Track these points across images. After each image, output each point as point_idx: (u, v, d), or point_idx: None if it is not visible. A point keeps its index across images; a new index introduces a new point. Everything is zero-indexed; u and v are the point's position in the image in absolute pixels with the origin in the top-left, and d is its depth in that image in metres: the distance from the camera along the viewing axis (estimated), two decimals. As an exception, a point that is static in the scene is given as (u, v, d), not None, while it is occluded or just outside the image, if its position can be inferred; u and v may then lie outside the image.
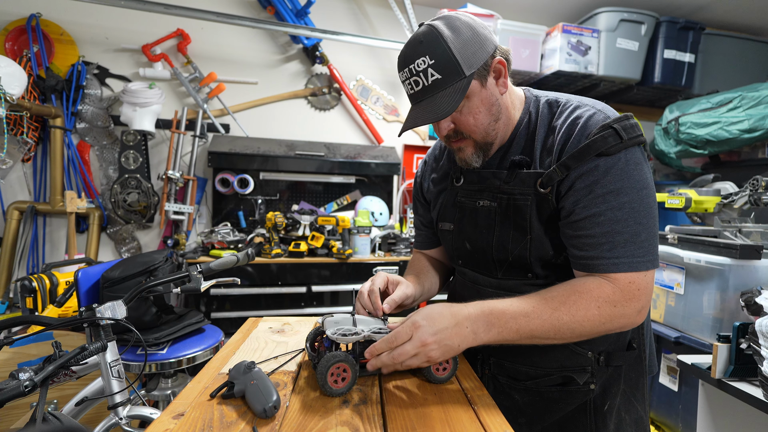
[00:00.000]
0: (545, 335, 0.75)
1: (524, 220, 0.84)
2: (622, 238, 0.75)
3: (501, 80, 0.83)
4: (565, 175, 0.78)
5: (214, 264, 1.31)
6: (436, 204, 1.04)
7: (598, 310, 0.74)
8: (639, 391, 0.93)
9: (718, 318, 1.78)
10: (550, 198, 0.81)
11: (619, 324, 0.77)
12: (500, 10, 2.96)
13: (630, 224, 0.75)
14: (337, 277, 2.52)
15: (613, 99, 3.22)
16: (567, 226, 0.80)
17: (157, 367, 1.49)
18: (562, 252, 0.84)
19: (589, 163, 0.76)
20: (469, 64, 0.77)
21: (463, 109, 0.81)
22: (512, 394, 0.92)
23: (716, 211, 2.07)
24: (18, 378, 0.82)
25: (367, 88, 3.13)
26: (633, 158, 0.76)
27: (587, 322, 0.75)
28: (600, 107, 0.81)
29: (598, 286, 0.76)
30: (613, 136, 0.75)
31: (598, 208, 0.75)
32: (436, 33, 0.77)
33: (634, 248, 0.75)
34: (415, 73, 0.79)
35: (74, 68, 2.52)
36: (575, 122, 0.79)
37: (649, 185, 0.77)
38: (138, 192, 2.59)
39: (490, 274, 0.93)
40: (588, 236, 0.77)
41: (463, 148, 0.87)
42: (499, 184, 0.87)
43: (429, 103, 0.79)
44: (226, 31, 2.83)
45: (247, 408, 0.70)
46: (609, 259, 0.75)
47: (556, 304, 0.75)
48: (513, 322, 0.74)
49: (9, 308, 2.23)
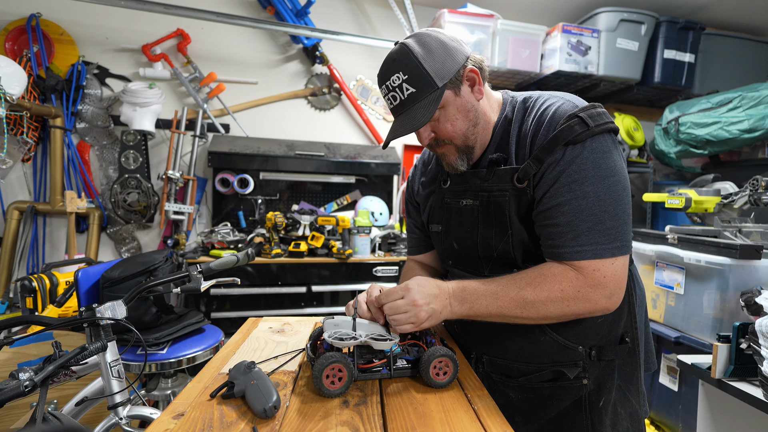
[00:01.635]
0: (512, 313, 0.80)
1: (504, 215, 0.86)
2: (585, 227, 0.77)
3: (476, 88, 0.86)
4: (538, 167, 0.81)
5: (214, 264, 1.31)
6: (425, 206, 1.07)
7: (562, 292, 0.78)
8: (633, 385, 0.94)
9: (718, 318, 1.78)
10: (528, 192, 0.83)
11: (586, 308, 0.79)
12: (500, 10, 2.96)
13: (594, 212, 0.76)
14: (337, 277, 2.52)
15: (613, 99, 3.22)
16: (537, 216, 0.83)
17: (157, 367, 1.49)
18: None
19: (557, 153, 0.78)
20: (440, 76, 0.81)
21: (441, 118, 0.86)
22: (507, 391, 0.93)
23: (716, 211, 2.07)
24: (18, 378, 0.82)
25: (367, 88, 3.13)
26: (599, 146, 0.78)
27: (551, 303, 0.78)
28: (569, 98, 0.83)
29: (563, 272, 0.79)
30: (579, 125, 0.77)
31: (563, 197, 0.78)
32: (407, 50, 0.82)
33: (597, 236, 0.77)
34: (392, 88, 0.84)
35: (74, 68, 2.52)
36: (544, 114, 0.82)
37: (617, 173, 0.78)
38: (138, 192, 2.59)
39: (478, 272, 0.95)
40: (553, 225, 0.79)
41: (446, 154, 0.91)
42: (479, 182, 0.91)
43: (407, 116, 0.84)
44: (226, 31, 2.83)
45: (247, 408, 0.70)
46: (573, 247, 0.78)
47: (523, 284, 0.80)
48: (483, 300, 0.81)
49: (9, 308, 2.23)
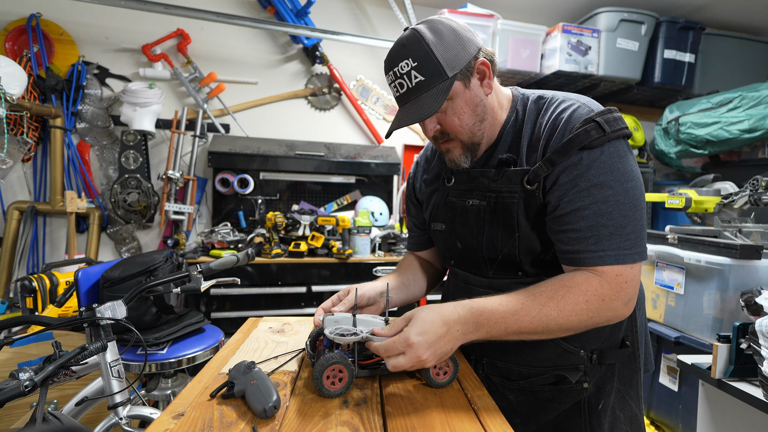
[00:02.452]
0: (533, 331, 0.75)
1: (512, 218, 0.84)
2: (608, 231, 0.75)
3: (485, 81, 0.84)
4: (550, 170, 0.78)
5: (214, 264, 1.31)
6: (428, 204, 1.05)
7: (587, 304, 0.75)
8: (633, 389, 0.93)
9: (718, 318, 1.78)
10: (537, 194, 0.81)
11: (606, 317, 0.77)
12: (500, 10, 2.96)
13: (615, 217, 0.75)
14: (337, 277, 2.52)
15: (613, 99, 3.22)
16: (553, 221, 0.80)
17: (157, 367, 1.49)
18: (550, 248, 0.84)
19: (573, 157, 0.76)
20: (451, 66, 0.78)
21: (448, 110, 0.83)
22: (506, 394, 0.92)
23: (716, 211, 2.07)
24: (18, 378, 0.82)
25: (367, 88, 3.13)
26: (616, 151, 0.76)
27: (575, 317, 0.75)
28: (584, 101, 0.81)
29: (586, 280, 0.76)
30: (595, 129, 0.75)
31: (582, 201, 0.76)
32: (418, 36, 0.78)
33: (620, 240, 0.75)
34: (399, 75, 0.81)
35: (74, 68, 2.52)
36: (559, 117, 0.80)
37: (634, 177, 0.77)
38: (138, 192, 2.59)
39: (481, 274, 0.93)
40: (573, 230, 0.77)
41: (451, 149, 0.88)
42: (487, 182, 0.88)
43: (413, 105, 0.81)
44: (226, 31, 2.83)
45: (247, 408, 0.70)
46: (595, 252, 0.75)
47: (545, 299, 0.75)
48: (502, 322, 0.75)
49: (9, 308, 2.23)
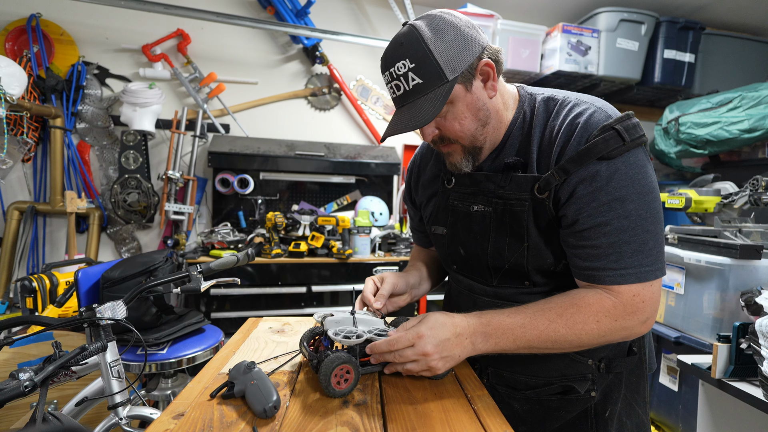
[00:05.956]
0: (543, 346, 0.74)
1: (521, 227, 0.80)
2: (630, 249, 0.71)
3: (489, 83, 0.77)
4: (563, 179, 0.74)
5: (214, 264, 1.31)
6: (426, 206, 1.01)
7: (597, 324, 0.72)
8: (640, 396, 0.92)
9: (718, 318, 1.78)
10: (547, 203, 0.76)
11: (621, 336, 0.75)
12: (500, 10, 2.96)
13: (638, 233, 0.71)
14: (337, 277, 2.52)
15: (613, 99, 3.22)
16: (571, 236, 0.75)
17: (157, 367, 1.49)
18: (561, 260, 0.80)
19: (590, 167, 0.71)
20: (451, 68, 0.72)
21: (448, 115, 0.77)
22: (511, 403, 0.90)
23: (716, 211, 2.07)
24: (18, 378, 0.82)
25: (367, 88, 3.13)
26: (636, 161, 0.71)
27: (585, 335, 0.73)
28: (600, 105, 0.76)
29: (598, 300, 0.73)
30: (614, 138, 0.70)
31: (604, 217, 0.71)
32: (416, 34, 0.72)
33: (642, 258, 0.71)
34: (396, 77, 0.75)
35: (74, 68, 2.53)
36: (574, 122, 0.74)
37: (654, 188, 0.73)
38: (138, 192, 2.58)
39: (486, 282, 0.89)
40: (594, 246, 0.73)
41: (451, 153, 0.83)
42: (493, 188, 0.83)
43: (410, 109, 0.75)
44: (226, 31, 2.83)
45: (247, 408, 0.69)
46: (616, 270, 0.72)
47: (553, 316, 0.73)
48: (510, 334, 0.73)
49: (9, 308, 2.23)
